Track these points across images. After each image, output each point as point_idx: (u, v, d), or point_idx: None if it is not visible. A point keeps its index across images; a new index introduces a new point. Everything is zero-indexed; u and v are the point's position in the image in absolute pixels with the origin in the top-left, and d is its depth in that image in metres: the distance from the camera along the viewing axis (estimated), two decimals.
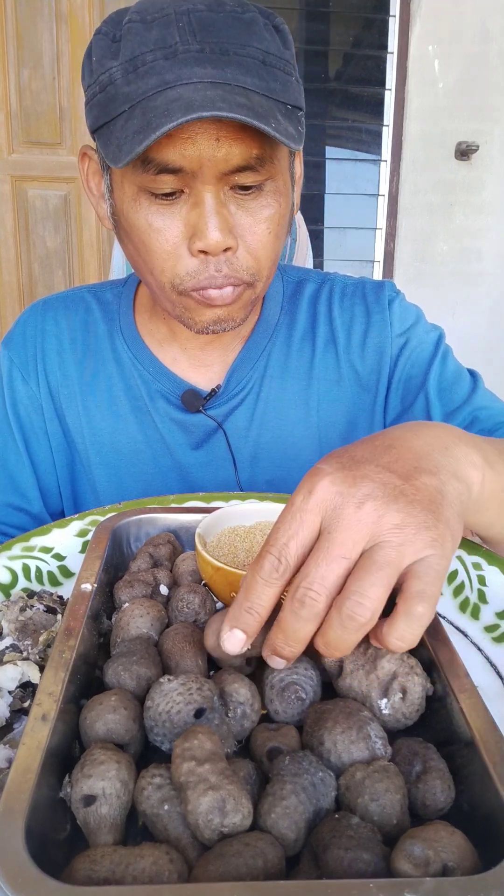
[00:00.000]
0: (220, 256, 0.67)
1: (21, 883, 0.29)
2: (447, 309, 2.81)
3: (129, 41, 0.62)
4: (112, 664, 0.45)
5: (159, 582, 0.56)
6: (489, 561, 0.64)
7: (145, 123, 0.59)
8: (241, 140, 0.63)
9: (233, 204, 0.67)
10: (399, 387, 0.85)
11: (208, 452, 0.85)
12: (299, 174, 0.78)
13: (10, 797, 0.33)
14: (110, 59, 0.63)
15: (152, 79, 0.61)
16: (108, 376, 0.86)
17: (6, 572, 0.63)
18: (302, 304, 0.88)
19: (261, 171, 0.65)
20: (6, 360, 0.88)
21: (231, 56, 0.62)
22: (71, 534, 0.68)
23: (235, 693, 0.42)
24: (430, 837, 0.33)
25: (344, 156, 2.75)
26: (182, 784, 0.34)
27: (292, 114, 0.65)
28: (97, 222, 2.75)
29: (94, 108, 0.66)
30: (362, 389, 0.86)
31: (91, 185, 0.76)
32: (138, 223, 0.68)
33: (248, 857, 0.32)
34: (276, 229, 0.70)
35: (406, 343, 0.85)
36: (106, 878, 0.31)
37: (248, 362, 0.85)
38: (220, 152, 0.63)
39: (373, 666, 0.43)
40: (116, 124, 0.63)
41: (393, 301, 0.87)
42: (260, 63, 0.63)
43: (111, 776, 0.36)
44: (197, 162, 0.63)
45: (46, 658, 0.49)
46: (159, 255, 0.68)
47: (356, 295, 0.88)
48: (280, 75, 0.65)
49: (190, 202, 0.66)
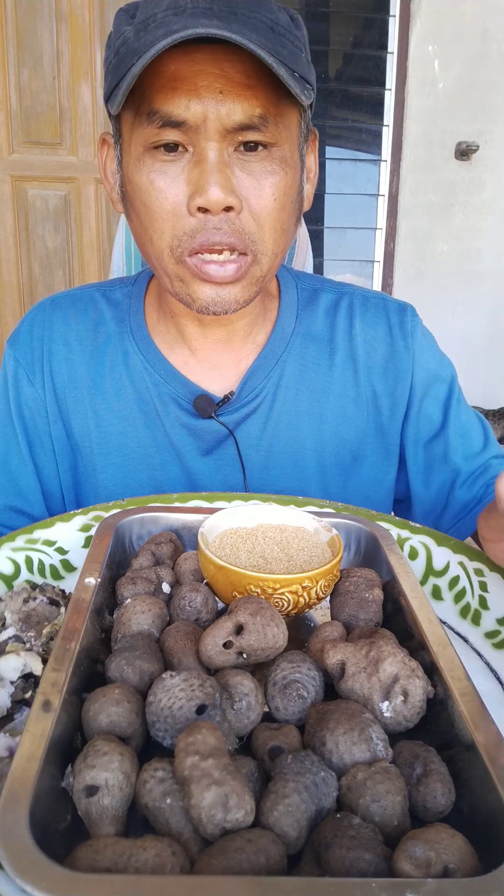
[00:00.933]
0: (220, 216, 0.66)
1: (26, 867, 0.29)
2: (447, 309, 2.81)
3: (144, 7, 0.64)
4: (115, 658, 0.45)
5: (162, 580, 0.56)
6: (491, 567, 0.64)
7: (142, 60, 0.60)
8: (245, 97, 0.63)
9: (236, 166, 0.66)
10: (416, 422, 0.85)
11: (218, 459, 0.84)
12: (314, 172, 0.77)
13: (15, 783, 0.33)
14: (126, 25, 0.65)
15: (160, 30, 0.61)
16: (117, 378, 0.84)
17: (9, 563, 0.63)
18: (318, 313, 0.87)
19: (265, 131, 0.65)
20: (12, 361, 0.86)
21: (238, 16, 0.62)
22: (74, 528, 0.68)
23: (240, 685, 0.42)
24: (431, 839, 0.33)
25: (344, 156, 2.75)
26: (185, 778, 0.34)
27: (299, 81, 0.65)
28: (97, 222, 2.75)
29: (108, 74, 0.67)
30: (377, 411, 0.85)
31: (107, 172, 0.76)
32: (141, 182, 0.68)
33: (251, 853, 0.32)
34: (281, 198, 0.69)
35: (430, 381, 0.85)
36: (108, 869, 0.31)
37: (262, 370, 0.83)
38: (224, 107, 0.63)
39: (374, 668, 0.44)
40: (125, 79, 0.63)
41: (415, 330, 0.86)
42: (268, 28, 0.63)
43: (114, 767, 0.36)
44: (201, 115, 0.63)
45: (49, 650, 0.50)
46: (160, 214, 0.68)
47: (378, 313, 0.86)
48: (288, 45, 0.65)
49: (193, 160, 0.66)
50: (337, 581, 0.57)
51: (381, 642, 0.45)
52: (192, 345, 0.83)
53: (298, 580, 0.52)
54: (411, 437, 0.86)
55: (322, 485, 0.85)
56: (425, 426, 0.86)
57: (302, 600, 0.53)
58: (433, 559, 0.67)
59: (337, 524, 0.63)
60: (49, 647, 0.50)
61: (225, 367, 0.84)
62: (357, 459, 0.86)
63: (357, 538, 0.64)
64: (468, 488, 0.85)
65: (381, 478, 0.87)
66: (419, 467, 0.87)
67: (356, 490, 0.87)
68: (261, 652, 0.46)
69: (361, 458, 0.86)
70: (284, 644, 0.47)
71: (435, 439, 0.86)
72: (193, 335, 0.82)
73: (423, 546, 0.68)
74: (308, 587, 0.53)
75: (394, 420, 0.86)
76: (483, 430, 0.88)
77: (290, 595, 0.52)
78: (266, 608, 0.48)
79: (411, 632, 0.49)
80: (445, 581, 0.64)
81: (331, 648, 0.46)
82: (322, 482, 0.85)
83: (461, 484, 0.85)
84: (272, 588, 0.52)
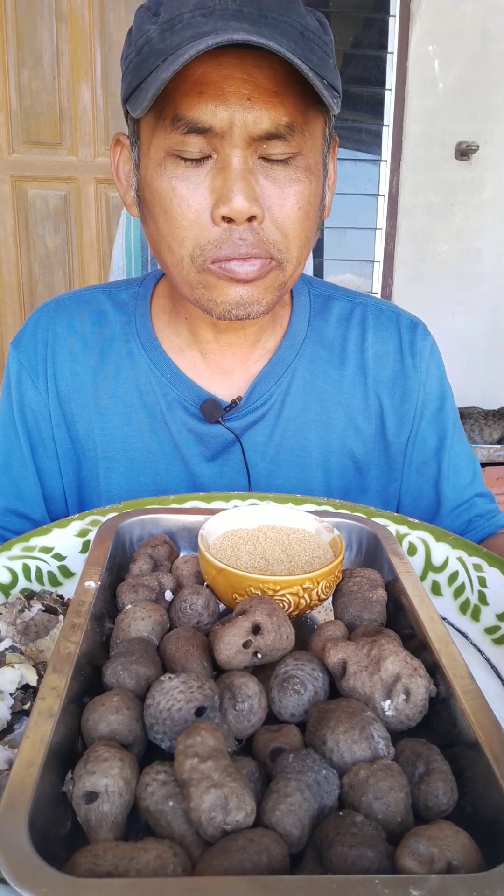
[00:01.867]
0: (244, 225, 0.65)
1: (25, 874, 0.29)
2: (447, 309, 2.80)
3: (168, 6, 0.62)
4: (111, 664, 0.45)
5: (164, 587, 0.56)
6: (490, 563, 0.65)
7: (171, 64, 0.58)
8: (272, 105, 0.62)
9: (261, 174, 0.65)
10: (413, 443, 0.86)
11: (223, 465, 0.83)
12: (333, 179, 0.76)
13: (14, 790, 0.33)
14: (149, 24, 0.63)
15: (187, 32, 0.60)
16: (122, 381, 0.83)
17: (6, 572, 0.62)
18: (330, 322, 0.86)
19: (290, 141, 0.64)
20: (15, 363, 0.85)
21: (269, 19, 0.61)
22: (71, 534, 0.68)
23: (244, 686, 0.42)
24: (434, 836, 0.33)
25: (344, 156, 2.75)
26: (185, 781, 0.34)
27: (328, 88, 0.64)
28: (97, 222, 2.75)
29: (129, 73, 0.65)
30: (383, 425, 0.85)
31: (121, 174, 0.75)
32: (162, 188, 0.66)
33: (253, 852, 0.32)
34: (305, 206, 0.67)
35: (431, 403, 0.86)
36: (109, 873, 0.31)
37: (272, 376, 0.82)
38: (251, 115, 0.62)
39: (376, 667, 0.44)
40: (148, 81, 0.61)
41: (424, 350, 0.86)
42: (298, 34, 0.62)
43: (114, 773, 0.36)
44: (227, 122, 0.62)
45: (44, 662, 0.49)
46: (181, 222, 0.66)
47: (391, 328, 0.86)
48: (318, 51, 0.63)
49: (216, 167, 0.64)
50: (339, 581, 0.57)
51: (382, 641, 0.45)
52: (203, 348, 0.82)
53: (299, 582, 0.52)
54: (407, 457, 0.86)
55: (325, 494, 0.85)
56: (420, 449, 0.86)
57: (303, 602, 0.53)
58: (432, 555, 0.67)
59: (338, 524, 0.63)
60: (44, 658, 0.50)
61: (234, 372, 0.83)
62: (361, 471, 0.86)
63: (358, 538, 0.64)
64: (452, 519, 0.86)
65: (383, 491, 0.87)
66: (409, 487, 0.87)
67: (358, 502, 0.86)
68: (275, 652, 0.47)
69: (365, 471, 0.86)
70: (293, 644, 0.48)
71: (428, 464, 0.86)
72: (206, 339, 0.81)
73: (421, 542, 0.68)
74: (309, 588, 0.53)
75: (399, 437, 0.85)
76: (472, 465, 0.89)
77: (291, 597, 0.52)
78: (279, 608, 0.48)
79: (413, 631, 0.49)
80: (444, 577, 0.65)
81: (332, 647, 0.46)
82: (326, 492, 0.85)
83: (447, 513, 0.86)
84: (273, 590, 0.52)
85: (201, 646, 0.48)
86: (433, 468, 0.86)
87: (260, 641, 0.46)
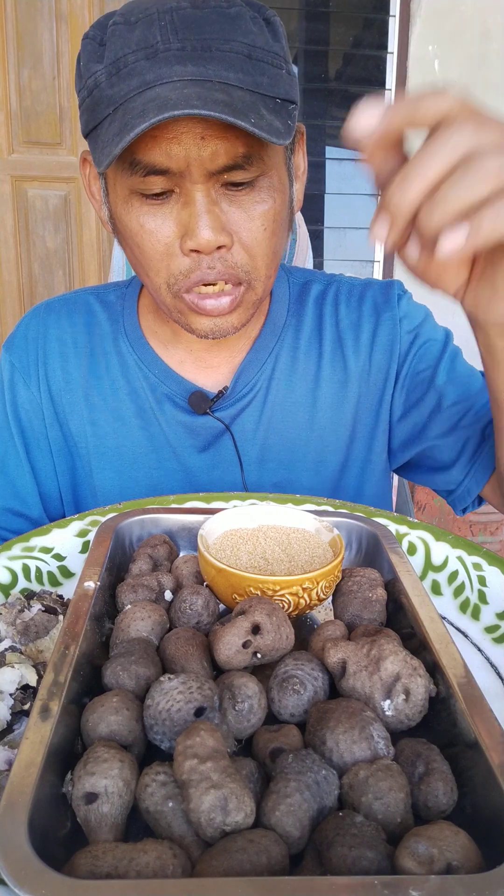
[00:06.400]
0: (213, 254, 0.67)
1: (24, 875, 0.29)
2: (448, 309, 2.80)
3: (112, 43, 0.63)
4: (110, 665, 0.45)
5: (164, 587, 0.56)
6: (489, 561, 0.65)
7: (123, 125, 0.59)
8: (226, 138, 0.62)
9: (224, 201, 0.66)
10: (406, 382, 0.85)
11: (214, 455, 0.84)
12: (302, 170, 0.77)
13: (14, 791, 0.33)
14: (96, 62, 0.64)
15: (133, 80, 0.61)
16: (112, 379, 0.85)
17: (6, 572, 0.62)
18: (308, 305, 0.88)
19: (250, 168, 0.65)
20: (7, 365, 0.87)
21: (213, 52, 0.61)
22: (71, 534, 0.68)
23: (245, 686, 0.42)
24: (434, 836, 0.33)
25: (344, 156, 2.75)
26: (184, 782, 0.34)
27: (281, 108, 0.64)
28: (97, 222, 2.74)
29: (84, 112, 0.66)
30: (369, 389, 0.85)
31: (93, 190, 0.76)
32: (131, 225, 0.68)
33: (252, 853, 0.32)
34: (271, 226, 0.69)
35: (415, 339, 0.85)
36: (109, 874, 0.31)
37: (255, 364, 0.84)
38: (206, 151, 0.62)
39: (375, 667, 0.44)
40: (102, 128, 0.63)
41: (402, 298, 0.87)
42: (245, 57, 0.62)
43: (114, 774, 0.36)
44: (184, 162, 0.62)
45: (44, 662, 0.49)
46: (153, 255, 0.68)
47: (364, 295, 0.87)
48: (268, 69, 0.64)
49: (181, 201, 0.66)
50: (339, 581, 0.57)
51: (382, 641, 0.45)
52: (188, 345, 0.84)
53: (299, 582, 0.52)
54: (399, 400, 0.85)
55: (316, 473, 0.86)
56: (414, 385, 0.84)
57: (303, 602, 0.53)
58: (431, 554, 0.67)
59: (338, 524, 0.63)
60: (44, 658, 0.50)
61: (219, 364, 0.85)
62: (351, 445, 0.86)
63: (358, 537, 0.64)
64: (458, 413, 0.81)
65: (376, 460, 0.87)
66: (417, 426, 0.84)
67: (353, 476, 0.87)
68: (275, 652, 0.47)
69: (356, 441, 0.86)
70: (293, 644, 0.48)
71: (424, 396, 0.83)
72: (190, 337, 0.82)
73: (421, 541, 0.68)
74: (309, 588, 0.53)
75: (386, 392, 0.85)
76: (481, 380, 0.82)
77: (291, 597, 0.52)
78: (278, 608, 0.48)
79: (413, 630, 0.49)
80: (444, 576, 0.65)
81: (332, 647, 0.46)
82: (317, 471, 0.86)
83: (447, 408, 0.81)
84: (272, 590, 0.52)
85: (201, 646, 0.48)
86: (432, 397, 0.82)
87: (260, 641, 0.46)
